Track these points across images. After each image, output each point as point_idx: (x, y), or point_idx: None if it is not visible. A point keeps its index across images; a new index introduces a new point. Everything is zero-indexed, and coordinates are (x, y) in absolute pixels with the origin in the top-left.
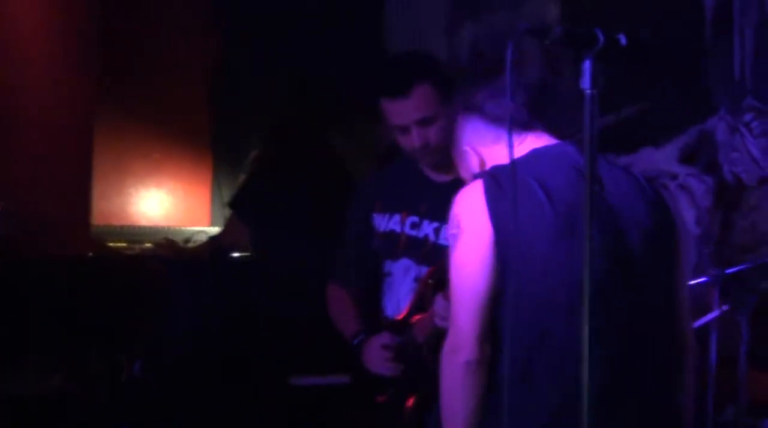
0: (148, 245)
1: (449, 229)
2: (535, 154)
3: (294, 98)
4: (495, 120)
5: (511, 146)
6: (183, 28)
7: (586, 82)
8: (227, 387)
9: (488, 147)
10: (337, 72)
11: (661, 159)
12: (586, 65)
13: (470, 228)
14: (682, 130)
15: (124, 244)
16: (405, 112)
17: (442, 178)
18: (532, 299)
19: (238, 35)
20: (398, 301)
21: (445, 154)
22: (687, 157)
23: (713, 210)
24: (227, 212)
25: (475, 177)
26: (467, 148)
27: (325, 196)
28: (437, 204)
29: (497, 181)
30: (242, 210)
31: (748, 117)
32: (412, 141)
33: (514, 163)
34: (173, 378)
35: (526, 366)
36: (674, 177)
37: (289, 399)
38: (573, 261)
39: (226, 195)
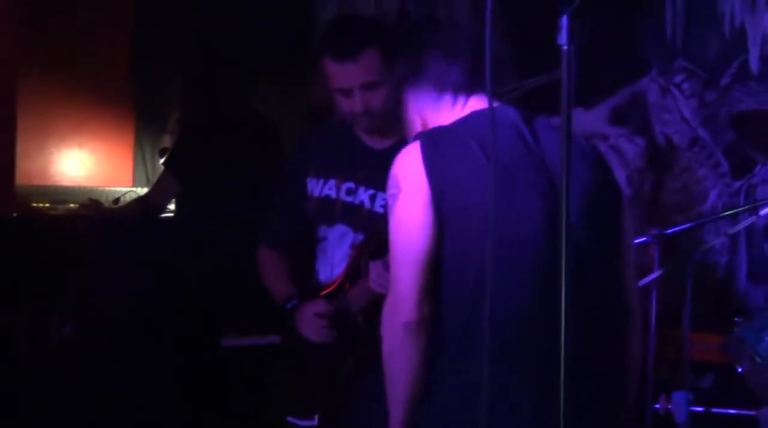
0: (73, 205)
1: (388, 190)
2: (474, 114)
3: (213, 59)
4: (438, 85)
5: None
6: None
7: (563, 38)
8: (157, 349)
9: (432, 112)
10: (264, 32)
11: (591, 120)
12: (563, 20)
13: (408, 187)
14: (613, 91)
15: (47, 205)
16: (351, 75)
17: (379, 144)
18: (471, 255)
19: None
20: (332, 267)
21: (384, 120)
22: (618, 118)
23: (645, 171)
24: (155, 171)
25: (414, 138)
26: (412, 114)
27: (254, 156)
28: (374, 170)
29: (434, 141)
30: (178, 168)
31: (679, 78)
32: (353, 105)
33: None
34: (103, 340)
35: (469, 322)
36: (605, 138)
37: (220, 360)
38: (511, 218)
39: (149, 155)
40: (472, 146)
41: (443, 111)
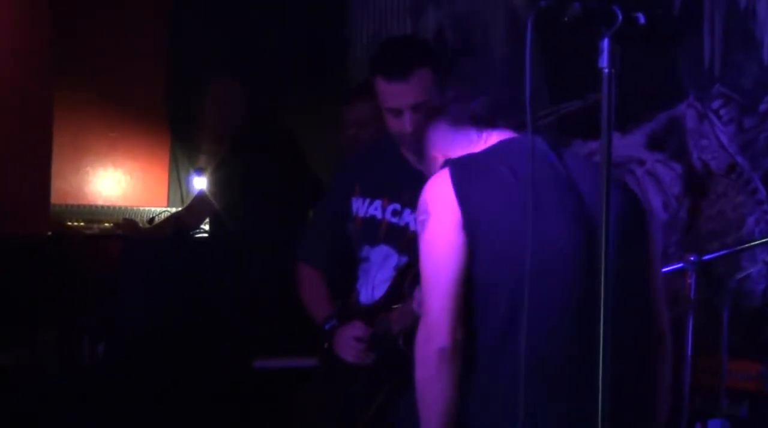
0: (108, 224)
1: (418, 215)
2: (503, 143)
3: (247, 83)
4: (458, 122)
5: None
6: (137, 7)
7: (604, 61)
8: (189, 371)
9: (455, 149)
10: (299, 54)
11: (628, 145)
12: (605, 44)
13: (438, 213)
14: (650, 117)
15: (82, 224)
16: (401, 94)
17: None
18: (502, 279)
19: (194, 15)
20: (373, 288)
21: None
22: (654, 144)
23: (681, 196)
24: (189, 192)
25: (443, 165)
26: (435, 154)
27: (289, 176)
28: (420, 193)
29: (464, 167)
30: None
31: (716, 104)
32: (403, 125)
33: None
34: (135, 360)
35: (501, 348)
36: (642, 163)
37: (253, 382)
38: (544, 243)
39: (184, 175)
40: (503, 172)
41: (463, 145)
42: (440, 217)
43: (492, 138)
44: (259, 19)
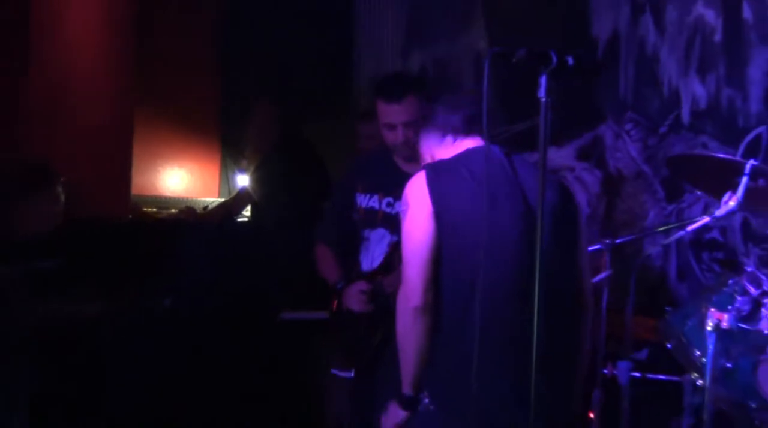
0: (174, 211)
1: (401, 206)
2: (467, 151)
3: (283, 104)
4: (442, 129)
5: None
6: (196, 44)
7: (542, 92)
8: (234, 320)
9: (439, 149)
10: (314, 86)
11: (561, 156)
12: (542, 79)
13: (415, 205)
14: (579, 134)
15: (154, 210)
16: (396, 114)
17: (412, 168)
18: (464, 255)
19: (241, 50)
20: (372, 260)
21: (418, 150)
22: (582, 156)
23: (601, 195)
24: (235, 186)
25: (421, 168)
26: (424, 151)
27: (309, 176)
28: None
29: (436, 170)
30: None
31: (628, 126)
32: (396, 137)
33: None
34: (194, 311)
35: (463, 307)
36: (572, 170)
37: (280, 329)
38: (494, 229)
39: (231, 174)
40: (465, 174)
41: (444, 148)
42: (417, 209)
43: (464, 144)
44: (288, 56)
